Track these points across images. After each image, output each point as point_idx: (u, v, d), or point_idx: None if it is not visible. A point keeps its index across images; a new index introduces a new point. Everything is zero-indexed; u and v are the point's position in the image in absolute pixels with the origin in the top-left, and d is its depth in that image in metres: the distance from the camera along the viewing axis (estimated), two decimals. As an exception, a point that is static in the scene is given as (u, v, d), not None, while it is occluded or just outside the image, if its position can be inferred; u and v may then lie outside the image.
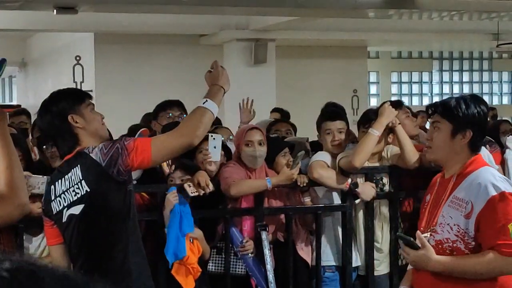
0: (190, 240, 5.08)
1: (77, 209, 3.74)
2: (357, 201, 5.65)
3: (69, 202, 3.75)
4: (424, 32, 14.55)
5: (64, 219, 3.76)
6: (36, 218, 4.36)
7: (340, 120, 5.80)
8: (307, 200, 5.65)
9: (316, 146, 6.42)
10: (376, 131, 5.46)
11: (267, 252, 5.28)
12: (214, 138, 5.15)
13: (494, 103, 19.11)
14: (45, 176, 4.69)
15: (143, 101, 11.63)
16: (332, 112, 6.08)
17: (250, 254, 5.34)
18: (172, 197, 5.00)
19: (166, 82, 13.71)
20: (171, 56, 14.08)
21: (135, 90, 13.43)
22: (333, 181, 5.58)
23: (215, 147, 5.14)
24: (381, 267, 5.82)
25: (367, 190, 5.62)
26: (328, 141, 5.75)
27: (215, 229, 5.42)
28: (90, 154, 3.72)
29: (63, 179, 3.77)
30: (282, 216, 5.63)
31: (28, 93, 17.61)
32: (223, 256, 5.38)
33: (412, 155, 5.59)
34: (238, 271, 5.42)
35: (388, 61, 19.92)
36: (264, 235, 5.30)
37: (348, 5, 9.91)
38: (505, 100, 21.15)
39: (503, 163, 5.93)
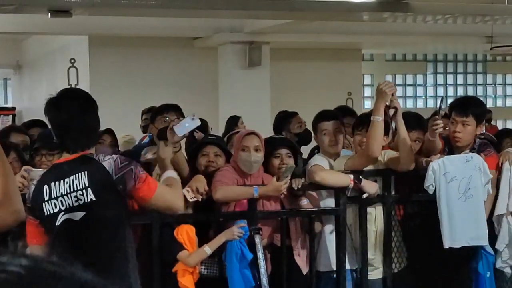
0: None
1: (76, 216, 3.71)
2: (364, 195, 5.65)
3: (67, 206, 3.69)
4: (418, 35, 14.56)
5: (58, 223, 3.71)
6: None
7: (336, 120, 5.83)
8: (305, 203, 5.65)
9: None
10: (378, 117, 5.45)
11: (261, 256, 5.28)
12: (193, 119, 5.02)
13: (488, 106, 19.04)
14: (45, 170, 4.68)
15: (138, 104, 11.63)
16: (328, 112, 6.11)
17: (244, 258, 5.35)
18: (237, 232, 5.12)
19: (161, 85, 13.72)
20: (165, 59, 14.08)
21: (130, 93, 13.44)
22: (337, 180, 5.58)
23: (187, 125, 5.02)
24: (376, 272, 5.83)
25: (370, 183, 5.64)
26: (325, 142, 5.76)
27: (208, 233, 5.42)
28: (103, 163, 3.75)
29: (62, 181, 3.71)
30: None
31: (23, 96, 17.60)
32: (216, 259, 5.38)
33: (410, 159, 5.62)
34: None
35: (383, 63, 19.93)
36: (257, 238, 5.31)
37: (342, 8, 9.93)
38: (499, 103, 21.17)
39: (498, 167, 5.93)
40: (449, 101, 6.21)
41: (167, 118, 5.95)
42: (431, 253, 5.81)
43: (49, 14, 8.63)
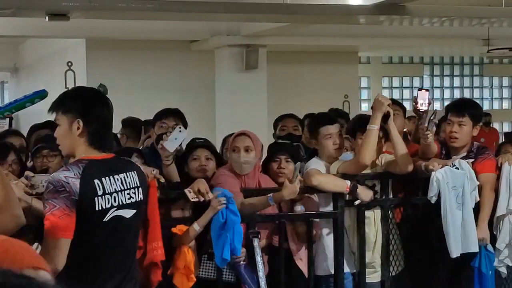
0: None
1: (128, 213, 3.77)
2: (356, 202, 5.67)
3: (120, 203, 3.73)
4: (415, 38, 14.59)
5: (106, 219, 3.69)
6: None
7: (337, 123, 5.88)
8: (299, 209, 5.65)
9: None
10: (374, 126, 5.57)
11: (259, 259, 5.28)
12: (180, 131, 5.28)
13: (484, 108, 19.13)
14: (47, 174, 4.68)
15: (135, 107, 11.63)
16: (329, 116, 6.15)
17: (242, 262, 5.34)
18: (218, 203, 5.08)
19: (158, 88, 13.72)
20: (162, 62, 14.09)
21: (127, 96, 13.42)
22: (334, 185, 5.60)
23: (176, 139, 5.29)
24: (374, 275, 5.84)
25: (365, 191, 5.66)
26: (329, 146, 5.77)
27: (205, 236, 5.42)
28: (140, 167, 3.97)
29: (112, 177, 3.73)
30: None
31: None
32: (213, 262, 5.37)
33: (407, 160, 5.64)
34: (229, 278, 5.42)
35: (379, 66, 19.96)
36: (256, 242, 5.31)
37: (339, 11, 9.94)
38: (496, 105, 21.21)
39: (498, 170, 5.94)
40: (447, 104, 6.25)
41: (165, 124, 5.98)
42: (429, 255, 5.83)
43: (47, 17, 8.63)
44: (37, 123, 7.76)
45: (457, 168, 5.69)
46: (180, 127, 5.30)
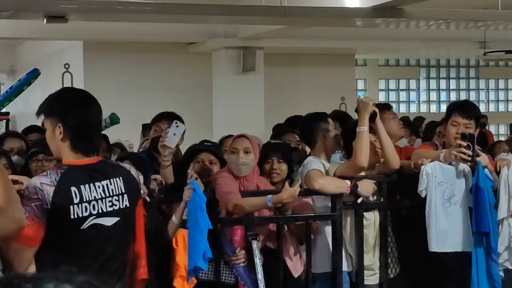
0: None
1: (109, 221, 3.64)
2: (359, 200, 5.68)
3: (99, 211, 3.60)
4: (411, 40, 14.63)
5: (84, 226, 3.56)
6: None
7: None
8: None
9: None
10: (363, 127, 5.55)
11: (258, 261, 5.29)
12: (177, 126, 5.31)
13: (481, 111, 19.20)
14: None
15: (132, 109, 11.67)
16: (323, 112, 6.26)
17: (241, 264, 5.36)
18: (187, 192, 4.93)
19: (155, 90, 13.75)
20: (159, 64, 14.11)
21: (124, 98, 13.46)
22: (335, 187, 5.60)
23: (174, 134, 5.30)
24: (373, 277, 5.85)
25: (366, 186, 5.66)
26: (336, 135, 5.90)
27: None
28: (130, 171, 3.79)
29: (92, 185, 3.60)
30: (272, 224, 5.65)
31: (17, 101, 17.56)
32: (213, 264, 5.39)
33: (394, 158, 5.68)
34: (228, 279, 5.44)
35: (376, 68, 20.00)
36: (254, 244, 5.32)
37: (336, 13, 9.97)
38: (492, 108, 21.26)
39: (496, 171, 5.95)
40: (443, 106, 6.25)
41: (159, 128, 6.01)
42: (427, 258, 5.83)
43: (45, 20, 8.64)
44: (25, 127, 7.72)
45: (450, 164, 5.69)
46: (176, 122, 5.32)
